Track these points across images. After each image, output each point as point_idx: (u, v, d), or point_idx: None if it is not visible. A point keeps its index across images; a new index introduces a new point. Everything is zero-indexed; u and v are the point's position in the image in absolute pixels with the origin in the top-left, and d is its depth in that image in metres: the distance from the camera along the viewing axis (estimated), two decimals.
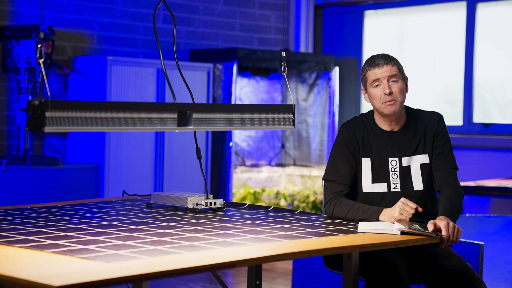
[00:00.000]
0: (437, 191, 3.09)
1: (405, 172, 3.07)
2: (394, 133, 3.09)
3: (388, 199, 3.05)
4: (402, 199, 2.87)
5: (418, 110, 3.16)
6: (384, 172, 3.07)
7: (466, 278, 2.89)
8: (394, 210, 2.85)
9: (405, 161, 3.07)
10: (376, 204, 3.03)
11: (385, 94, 3.01)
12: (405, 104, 3.18)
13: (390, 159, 3.07)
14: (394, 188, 3.06)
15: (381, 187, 3.07)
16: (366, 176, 3.07)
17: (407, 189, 3.06)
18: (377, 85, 3.04)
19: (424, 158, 3.08)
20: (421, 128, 3.09)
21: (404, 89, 3.06)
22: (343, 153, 3.08)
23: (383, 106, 3.03)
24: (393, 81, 3.03)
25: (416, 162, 3.07)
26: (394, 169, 3.07)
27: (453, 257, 2.99)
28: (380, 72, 3.02)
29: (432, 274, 2.98)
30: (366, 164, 3.07)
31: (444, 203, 2.96)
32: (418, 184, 3.07)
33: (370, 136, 3.09)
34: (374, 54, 3.10)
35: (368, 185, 3.07)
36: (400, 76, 3.05)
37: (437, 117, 3.12)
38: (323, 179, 3.14)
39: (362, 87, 3.12)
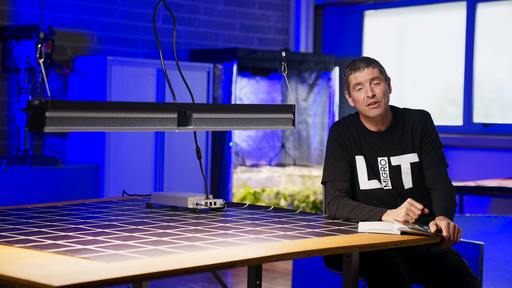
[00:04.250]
0: (429, 188, 3.09)
1: (395, 171, 3.07)
2: (382, 133, 3.10)
3: (386, 196, 3.06)
4: (409, 199, 2.87)
5: (404, 109, 3.17)
6: (375, 171, 3.08)
7: (461, 275, 2.90)
8: (400, 211, 2.85)
9: (394, 160, 3.07)
10: (375, 202, 3.04)
11: (368, 97, 3.01)
12: (395, 104, 3.20)
13: (379, 158, 3.08)
14: (385, 187, 3.07)
15: (378, 184, 3.07)
16: (362, 174, 3.08)
17: (398, 188, 3.07)
18: (359, 89, 3.04)
19: (413, 157, 3.08)
20: (409, 127, 3.10)
21: (387, 91, 3.06)
22: (337, 152, 3.08)
23: (367, 109, 3.03)
24: (375, 83, 3.03)
25: (406, 161, 3.08)
26: (384, 168, 3.07)
27: (450, 253, 2.99)
28: (362, 75, 3.03)
29: (429, 273, 2.98)
30: (360, 161, 3.08)
31: (439, 201, 2.96)
32: (408, 182, 3.07)
33: (360, 135, 3.10)
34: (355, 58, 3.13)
35: (364, 182, 3.08)
36: (382, 77, 3.05)
37: (424, 116, 3.12)
38: (322, 182, 3.13)
39: (346, 92, 3.13)
